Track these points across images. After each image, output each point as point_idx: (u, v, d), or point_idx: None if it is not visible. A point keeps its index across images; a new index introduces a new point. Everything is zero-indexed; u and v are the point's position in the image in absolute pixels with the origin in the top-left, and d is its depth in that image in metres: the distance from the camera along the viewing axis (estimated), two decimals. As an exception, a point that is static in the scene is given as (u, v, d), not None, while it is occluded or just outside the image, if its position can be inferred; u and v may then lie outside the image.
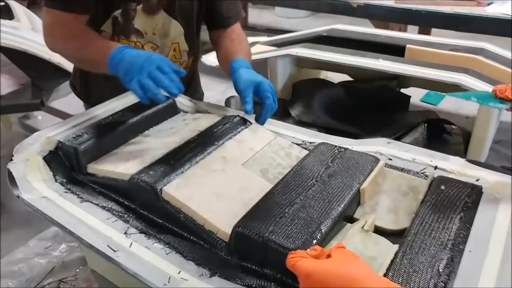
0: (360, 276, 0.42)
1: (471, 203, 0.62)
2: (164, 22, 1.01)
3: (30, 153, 0.79)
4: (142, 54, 0.79)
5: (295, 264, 0.46)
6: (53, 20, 0.90)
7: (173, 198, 0.65)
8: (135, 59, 0.77)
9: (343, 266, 0.44)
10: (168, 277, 0.57)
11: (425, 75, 1.10)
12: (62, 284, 0.77)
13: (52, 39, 0.92)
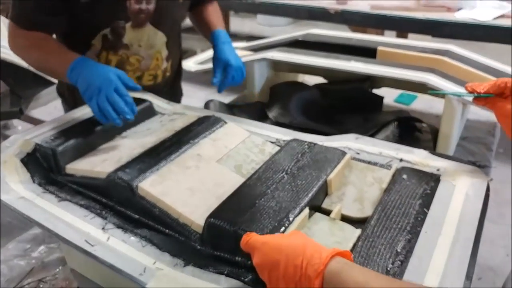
0: (303, 244, 0.47)
1: (429, 190, 0.66)
2: (150, 34, 1.05)
3: (7, 155, 0.81)
4: (100, 72, 0.81)
5: (248, 241, 0.51)
6: (16, 32, 0.93)
7: (149, 194, 0.68)
8: (93, 79, 0.80)
9: (289, 238, 0.49)
10: (143, 268, 0.59)
11: (395, 75, 1.15)
12: (42, 283, 0.78)
13: (15, 47, 0.95)
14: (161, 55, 1.10)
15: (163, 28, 1.06)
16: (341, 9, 2.50)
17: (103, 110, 0.78)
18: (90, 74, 0.81)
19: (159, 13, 1.02)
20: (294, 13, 2.85)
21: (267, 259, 0.48)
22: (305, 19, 2.88)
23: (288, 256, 0.46)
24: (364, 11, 2.43)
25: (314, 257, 0.45)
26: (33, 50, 0.92)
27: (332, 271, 0.44)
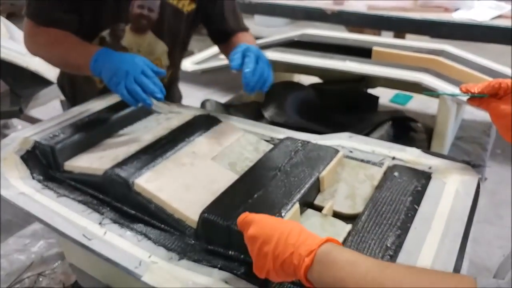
0: (299, 228, 0.49)
1: (420, 187, 0.67)
2: (151, 42, 1.05)
3: (7, 152, 0.82)
4: (125, 58, 0.82)
5: (246, 217, 0.53)
6: (34, 30, 0.94)
7: (145, 190, 0.69)
8: (120, 64, 0.81)
9: (288, 221, 0.52)
10: (139, 261, 0.61)
11: (389, 75, 1.17)
12: (41, 277, 0.80)
13: (35, 45, 0.96)
14: (161, 62, 1.10)
15: (164, 38, 1.06)
16: (337, 10, 2.51)
17: (132, 92, 0.79)
18: (117, 60, 0.82)
19: (161, 22, 1.02)
20: (291, 13, 2.86)
21: (261, 232, 0.49)
22: (302, 19, 2.89)
23: (283, 234, 0.48)
24: (360, 12, 2.44)
25: (308, 239, 0.47)
26: (54, 46, 0.93)
27: (323, 250, 0.46)
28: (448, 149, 1.19)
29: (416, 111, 1.48)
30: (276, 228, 0.49)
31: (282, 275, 0.48)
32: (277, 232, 0.48)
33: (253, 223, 0.51)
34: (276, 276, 0.49)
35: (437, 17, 2.22)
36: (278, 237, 0.48)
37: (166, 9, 1.00)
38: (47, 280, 0.79)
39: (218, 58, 1.69)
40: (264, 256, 0.48)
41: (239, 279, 0.56)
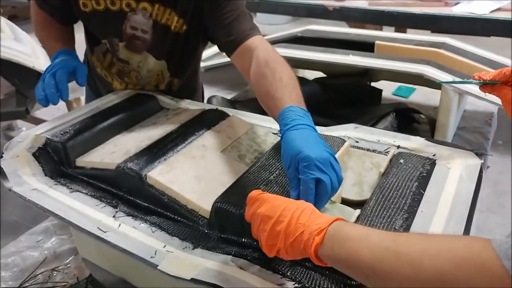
0: (311, 209, 0.51)
1: (425, 173, 0.69)
2: (148, 60, 1.04)
3: (20, 150, 0.84)
4: (61, 60, 0.92)
5: (259, 194, 0.55)
6: (33, 8, 1.05)
7: (157, 182, 0.71)
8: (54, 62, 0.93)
9: (300, 202, 0.53)
10: (154, 251, 0.62)
11: (392, 68, 1.18)
12: (55, 272, 0.81)
13: (34, 24, 1.08)
14: (162, 76, 1.09)
15: (161, 58, 1.04)
16: (339, 6, 2.52)
17: (39, 86, 0.87)
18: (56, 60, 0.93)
19: (156, 43, 0.99)
20: (293, 11, 2.87)
21: (273, 212, 0.51)
22: (304, 16, 2.90)
23: (295, 214, 0.49)
24: (362, 7, 2.45)
25: (319, 219, 0.49)
26: (39, 28, 1.05)
27: (334, 227, 0.47)
28: (451, 139, 1.21)
29: (418, 103, 1.49)
30: (289, 209, 0.50)
31: (292, 253, 0.50)
32: (290, 213, 0.50)
33: (266, 202, 0.53)
34: (286, 254, 0.50)
35: (437, 11, 2.24)
36: (290, 217, 0.49)
37: (158, 30, 0.97)
38: (61, 275, 0.81)
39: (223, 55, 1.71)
40: (276, 235, 0.50)
41: (253, 264, 0.58)
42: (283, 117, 0.68)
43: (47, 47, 1.04)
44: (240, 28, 0.90)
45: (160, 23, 0.96)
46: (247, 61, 0.86)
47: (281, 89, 0.73)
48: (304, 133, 0.63)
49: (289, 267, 0.57)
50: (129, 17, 0.96)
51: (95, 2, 0.94)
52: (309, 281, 0.56)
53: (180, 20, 0.96)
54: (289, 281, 0.56)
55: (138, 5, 0.94)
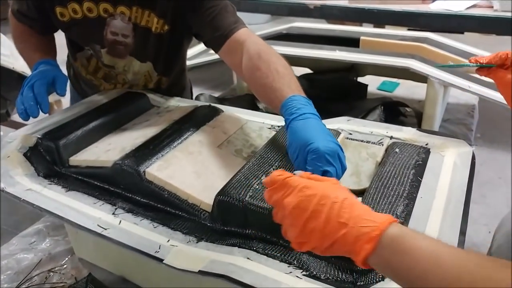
0: (351, 201, 0.43)
1: (421, 161, 0.71)
2: (133, 64, 1.02)
3: (10, 151, 0.82)
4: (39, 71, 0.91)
5: (286, 179, 0.46)
6: (11, 21, 1.04)
7: (156, 178, 0.70)
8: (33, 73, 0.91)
9: (335, 189, 0.45)
10: (158, 245, 0.62)
11: (379, 62, 1.21)
12: (51, 273, 0.80)
13: (13, 38, 1.07)
14: (150, 76, 1.07)
15: (145, 60, 1.02)
16: (320, 4, 2.55)
17: (18, 99, 0.86)
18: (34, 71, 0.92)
19: (138, 46, 0.98)
20: (274, 10, 2.88)
21: (305, 204, 0.43)
22: (285, 15, 2.91)
23: (334, 208, 0.42)
24: (343, 5, 2.49)
25: (364, 216, 0.41)
26: (18, 41, 1.04)
27: (391, 235, 0.39)
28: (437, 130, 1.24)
29: (403, 97, 1.52)
30: (325, 199, 0.42)
31: (330, 253, 0.43)
32: (327, 206, 0.42)
33: (296, 191, 0.44)
34: (321, 253, 0.44)
35: (415, 9, 2.29)
36: (327, 212, 0.42)
37: (139, 32, 0.95)
38: (58, 276, 0.79)
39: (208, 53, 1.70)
40: (310, 233, 0.43)
41: (259, 255, 0.59)
42: (287, 107, 0.67)
43: (26, 59, 1.03)
44: (224, 23, 0.89)
45: (140, 25, 0.95)
46: (236, 56, 0.85)
47: (278, 80, 0.73)
48: (311, 123, 0.64)
49: (295, 256, 0.58)
50: (108, 23, 0.94)
51: (72, 11, 0.92)
52: (316, 269, 0.56)
53: (160, 21, 0.94)
54: (296, 269, 0.56)
55: (116, 9, 0.92)
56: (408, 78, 1.32)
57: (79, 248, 0.84)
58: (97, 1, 0.91)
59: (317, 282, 0.55)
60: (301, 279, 0.55)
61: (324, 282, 0.55)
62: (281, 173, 0.47)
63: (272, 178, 0.48)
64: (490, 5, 2.17)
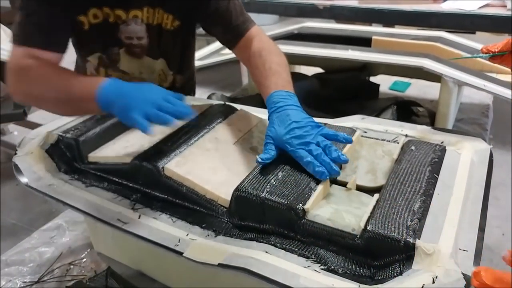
0: None
1: (437, 158, 0.71)
2: (149, 63, 1.03)
3: (33, 147, 0.84)
4: (141, 86, 0.73)
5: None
6: (25, 62, 0.79)
7: (175, 174, 0.72)
8: (136, 92, 0.70)
9: None
10: (178, 239, 0.63)
11: (392, 61, 1.21)
12: (72, 266, 0.82)
13: (24, 83, 0.79)
14: (164, 74, 1.09)
15: (160, 58, 1.03)
16: (330, 4, 2.55)
17: (152, 116, 0.67)
18: (132, 89, 0.71)
19: (153, 46, 1.00)
20: (283, 10, 2.89)
21: None
22: (293, 16, 2.92)
23: None
24: (352, 5, 2.49)
25: None
26: (52, 78, 0.78)
27: None
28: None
29: (415, 97, 1.52)
30: None
31: None
32: None
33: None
34: None
35: (427, 8, 2.28)
36: None
37: (152, 32, 0.97)
38: (78, 268, 0.81)
39: (217, 54, 1.72)
40: None
41: (277, 249, 0.59)
42: (269, 102, 0.78)
43: (75, 89, 0.75)
44: (235, 23, 0.94)
45: (152, 25, 0.96)
46: (246, 54, 0.92)
47: (269, 77, 0.81)
48: (285, 114, 0.73)
49: (313, 251, 0.59)
50: (121, 29, 0.95)
51: (92, 16, 0.91)
52: (334, 263, 0.57)
53: (170, 17, 0.96)
54: (314, 263, 0.57)
55: (128, 14, 0.93)
56: (421, 77, 1.31)
57: (97, 243, 0.86)
58: (112, 7, 0.91)
59: (335, 276, 0.55)
60: (319, 273, 0.56)
61: (342, 276, 0.56)
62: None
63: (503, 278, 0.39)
64: (503, 4, 2.15)
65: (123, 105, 0.69)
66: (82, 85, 0.75)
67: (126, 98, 0.70)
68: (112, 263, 0.82)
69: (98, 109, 0.72)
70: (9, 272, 0.82)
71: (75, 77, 0.79)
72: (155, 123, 0.67)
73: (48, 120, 0.92)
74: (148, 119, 0.67)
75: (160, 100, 0.69)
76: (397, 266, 0.54)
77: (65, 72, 0.80)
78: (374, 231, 0.56)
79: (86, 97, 0.73)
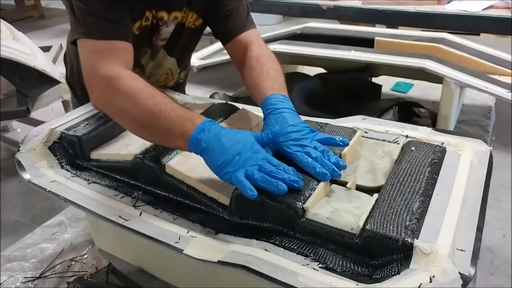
0: None
1: (437, 159, 0.71)
2: (160, 57, 1.03)
3: (36, 144, 0.85)
4: (241, 138, 0.66)
5: None
6: (116, 70, 0.73)
7: (176, 172, 0.72)
8: (237, 146, 0.65)
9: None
10: (178, 236, 0.64)
11: (394, 62, 1.21)
12: (73, 262, 0.82)
13: (111, 94, 0.72)
14: (171, 71, 1.10)
15: (174, 54, 1.04)
16: (333, 5, 2.55)
17: (258, 180, 0.61)
18: (230, 141, 0.65)
19: (173, 41, 1.00)
20: (286, 10, 2.90)
21: None
22: (297, 16, 2.92)
23: None
24: (356, 6, 2.49)
25: None
26: (141, 99, 0.70)
27: None
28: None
29: (417, 98, 1.52)
30: None
31: None
32: None
33: None
34: None
35: (430, 9, 2.29)
36: None
37: (177, 29, 0.98)
38: (79, 265, 0.82)
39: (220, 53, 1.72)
40: None
41: (277, 247, 0.60)
42: (265, 103, 0.78)
43: (167, 119, 0.68)
44: (237, 21, 0.96)
45: (179, 22, 0.97)
46: (240, 53, 0.94)
47: (266, 80, 0.83)
48: (282, 117, 0.74)
49: (312, 249, 0.60)
50: (160, 30, 0.95)
51: (145, 19, 0.90)
52: (332, 262, 0.58)
53: (195, 15, 0.97)
54: (313, 261, 0.58)
55: (170, 15, 0.93)
56: (423, 78, 1.31)
57: (98, 239, 0.87)
58: (157, 10, 0.90)
59: (333, 275, 0.56)
60: (318, 271, 0.56)
61: (340, 274, 0.56)
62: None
63: None
64: (507, 6, 2.15)
65: (223, 160, 0.63)
66: (175, 120, 0.68)
67: (224, 152, 0.64)
68: (113, 260, 0.83)
69: (186, 148, 0.67)
70: (11, 267, 0.83)
71: (167, 104, 0.70)
72: (261, 186, 0.61)
73: (51, 117, 0.93)
74: (250, 180, 0.61)
75: (261, 161, 0.64)
76: (395, 265, 0.54)
77: (157, 95, 0.71)
78: (372, 230, 0.56)
79: (177, 134, 0.67)
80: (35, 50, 1.89)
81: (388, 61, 1.22)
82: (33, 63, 1.65)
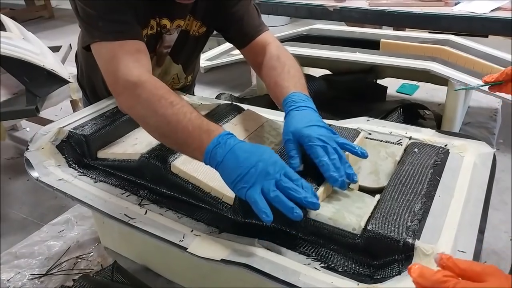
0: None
1: (440, 161, 0.72)
2: (166, 64, 1.05)
3: (44, 142, 0.86)
4: (258, 152, 0.62)
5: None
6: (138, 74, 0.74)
7: (181, 171, 0.73)
8: (253, 160, 0.60)
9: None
10: (182, 235, 0.65)
11: (399, 64, 1.21)
12: (79, 260, 0.84)
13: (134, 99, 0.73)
14: (177, 76, 1.11)
15: (180, 61, 1.06)
16: (339, 6, 2.56)
17: (273, 199, 0.58)
18: (246, 154, 0.62)
19: (177, 49, 1.01)
20: (293, 11, 2.90)
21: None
22: (303, 17, 2.93)
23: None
24: (362, 8, 2.49)
25: None
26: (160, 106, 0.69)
27: None
28: (457, 134, 1.23)
29: (423, 100, 1.52)
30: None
31: None
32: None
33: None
34: None
35: (437, 11, 2.28)
36: None
37: (182, 37, 0.99)
38: (85, 262, 0.83)
39: (228, 54, 1.73)
40: None
41: (279, 246, 0.61)
42: (288, 100, 0.78)
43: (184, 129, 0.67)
44: (250, 24, 0.96)
45: (183, 30, 0.98)
46: (259, 55, 0.94)
47: (288, 79, 0.84)
48: (305, 113, 0.74)
49: (314, 249, 0.60)
50: (163, 38, 0.96)
51: (149, 28, 0.92)
52: (334, 262, 0.58)
53: (198, 23, 0.98)
54: (314, 261, 0.58)
55: (173, 23, 0.94)
56: (428, 80, 1.31)
57: (104, 238, 0.88)
58: (161, 17, 0.91)
59: (334, 274, 0.57)
60: (319, 271, 0.57)
61: (342, 274, 0.57)
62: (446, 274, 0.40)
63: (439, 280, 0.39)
64: (515, 8, 2.14)
65: (237, 174, 0.60)
66: (191, 131, 0.66)
67: (240, 166, 0.61)
68: (118, 258, 0.84)
69: (201, 159, 0.66)
70: (18, 264, 0.85)
71: (186, 114, 0.68)
72: (274, 205, 0.58)
73: (59, 116, 0.95)
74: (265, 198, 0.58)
75: (279, 174, 0.60)
76: (396, 266, 0.55)
77: (177, 103, 0.70)
78: (374, 231, 0.57)
79: (194, 146, 0.66)
80: (44, 50, 1.91)
81: (393, 63, 1.22)
82: (42, 63, 1.67)
